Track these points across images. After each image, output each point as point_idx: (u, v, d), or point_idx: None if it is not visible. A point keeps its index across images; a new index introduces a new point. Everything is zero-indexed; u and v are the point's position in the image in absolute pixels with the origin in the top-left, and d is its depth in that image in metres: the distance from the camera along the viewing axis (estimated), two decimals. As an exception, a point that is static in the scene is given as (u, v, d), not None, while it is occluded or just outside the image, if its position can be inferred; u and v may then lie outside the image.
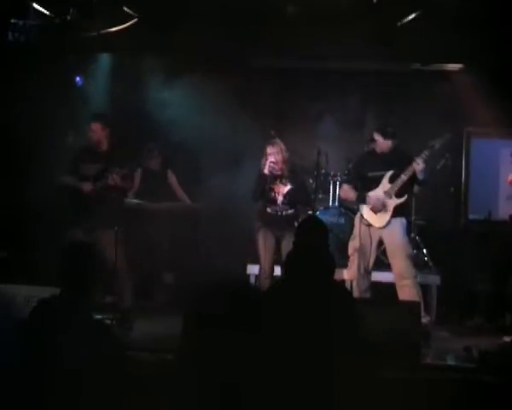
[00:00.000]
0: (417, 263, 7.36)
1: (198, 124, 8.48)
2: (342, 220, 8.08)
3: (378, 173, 6.88)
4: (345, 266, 7.70)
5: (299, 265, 3.81)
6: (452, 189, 8.83)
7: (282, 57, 8.96)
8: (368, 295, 6.82)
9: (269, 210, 7.07)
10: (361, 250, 6.82)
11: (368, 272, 6.89)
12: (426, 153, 6.71)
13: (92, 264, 3.54)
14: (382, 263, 8.06)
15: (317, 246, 4.20)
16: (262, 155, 7.14)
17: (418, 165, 6.64)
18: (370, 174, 6.92)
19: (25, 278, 6.14)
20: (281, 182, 7.04)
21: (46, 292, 3.51)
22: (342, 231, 7.99)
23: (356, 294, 6.77)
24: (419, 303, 6.03)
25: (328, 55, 8.56)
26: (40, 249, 7.51)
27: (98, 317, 5.56)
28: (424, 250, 8.14)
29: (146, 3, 6.93)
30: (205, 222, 8.66)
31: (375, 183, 6.88)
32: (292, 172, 7.14)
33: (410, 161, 6.72)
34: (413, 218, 7.96)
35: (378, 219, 6.82)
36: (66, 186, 7.00)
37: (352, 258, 6.96)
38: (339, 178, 8.28)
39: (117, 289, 6.84)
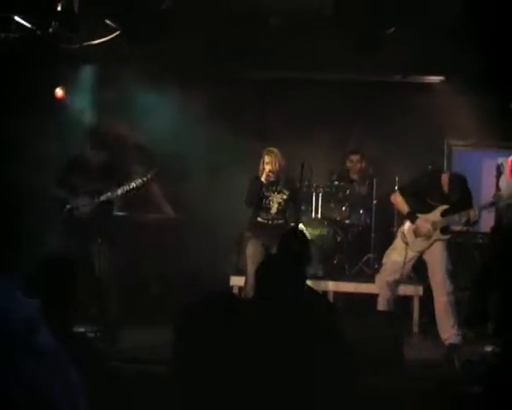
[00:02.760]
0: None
1: (182, 136, 8.49)
2: (325, 232, 8.12)
3: (434, 203, 6.76)
4: (327, 277, 7.75)
5: (275, 275, 3.80)
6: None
7: (266, 68, 8.98)
8: (391, 306, 6.72)
9: (259, 219, 7.03)
10: (394, 263, 6.76)
11: (395, 285, 6.80)
12: (487, 206, 6.76)
13: (73, 277, 3.53)
14: (364, 273, 8.13)
15: (298, 257, 4.22)
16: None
17: (475, 216, 6.61)
18: (428, 201, 6.80)
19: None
20: (276, 191, 7.04)
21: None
22: (325, 243, 8.04)
23: (380, 305, 6.72)
24: (394, 314, 6.05)
25: (310, 66, 8.59)
26: (21, 263, 7.45)
27: (80, 330, 5.59)
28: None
29: (128, 16, 6.93)
30: (189, 234, 8.66)
31: (428, 209, 6.77)
32: (288, 181, 7.14)
33: (467, 205, 6.63)
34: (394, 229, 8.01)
35: (417, 243, 6.73)
36: (56, 199, 6.82)
37: (383, 267, 6.91)
38: (321, 190, 8.30)
39: (103, 302, 6.77)
